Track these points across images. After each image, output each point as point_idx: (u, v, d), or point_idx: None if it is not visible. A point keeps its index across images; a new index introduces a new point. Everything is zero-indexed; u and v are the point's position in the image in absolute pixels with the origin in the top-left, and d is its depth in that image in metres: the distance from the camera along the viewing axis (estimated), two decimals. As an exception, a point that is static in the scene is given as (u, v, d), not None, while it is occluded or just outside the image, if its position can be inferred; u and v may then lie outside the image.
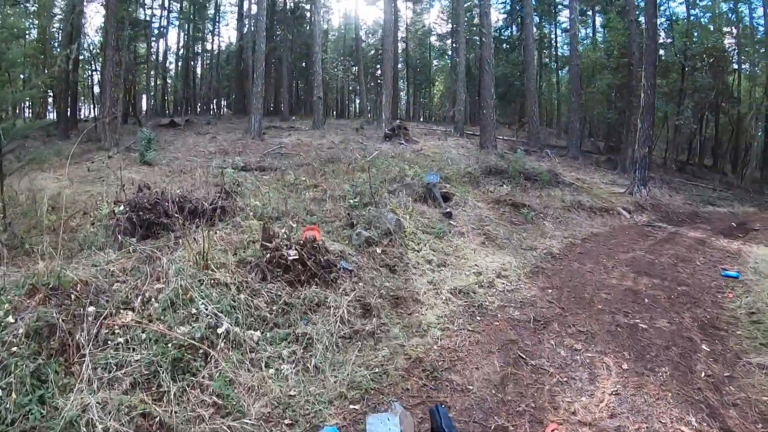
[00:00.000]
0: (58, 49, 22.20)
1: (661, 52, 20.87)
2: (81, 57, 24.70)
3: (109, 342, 3.14)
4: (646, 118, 13.38)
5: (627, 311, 5.26)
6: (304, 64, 35.68)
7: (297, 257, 4.36)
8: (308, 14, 33.35)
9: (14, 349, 2.81)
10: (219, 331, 3.42)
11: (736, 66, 23.46)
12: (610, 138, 23.18)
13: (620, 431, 3.04)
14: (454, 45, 34.28)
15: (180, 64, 35.98)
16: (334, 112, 42.68)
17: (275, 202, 6.65)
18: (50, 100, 26.12)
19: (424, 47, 42.48)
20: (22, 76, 18.73)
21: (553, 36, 34.18)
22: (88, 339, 3.06)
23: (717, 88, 20.69)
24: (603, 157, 20.87)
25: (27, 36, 22.18)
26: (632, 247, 8.51)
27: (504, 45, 30.29)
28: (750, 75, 24.16)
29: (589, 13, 30.02)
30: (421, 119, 39.13)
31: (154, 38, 32.20)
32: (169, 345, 3.15)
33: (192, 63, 36.50)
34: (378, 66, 38.34)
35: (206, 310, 3.53)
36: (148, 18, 30.63)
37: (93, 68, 29.26)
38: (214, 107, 37.74)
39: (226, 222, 5.52)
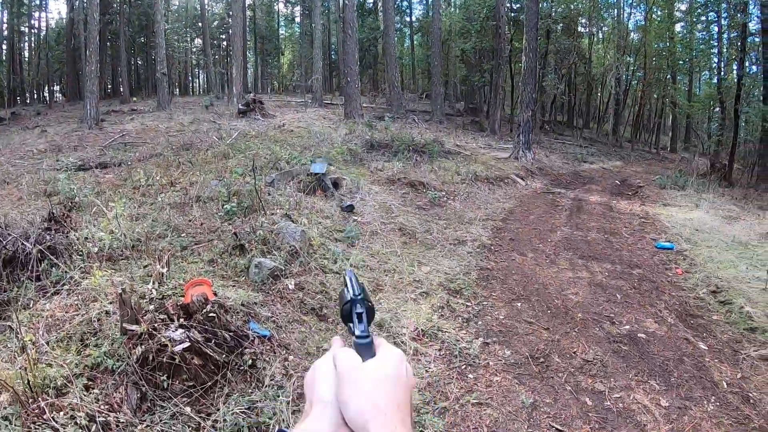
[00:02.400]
0: None
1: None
2: None
3: None
4: (528, 81, 15.61)
5: (609, 316, 5.42)
6: (143, 38, 39.25)
7: (188, 345, 2.99)
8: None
9: None
10: None
11: (585, 29, 30.29)
12: (471, 101, 27.15)
13: None
14: (306, 11, 38.20)
15: (4, 47, 36.37)
16: (178, 90, 45.69)
17: (125, 227, 5.13)
18: None
19: (271, 15, 47.21)
20: None
21: (405, 2, 39.11)
22: None
23: (575, 50, 25.93)
24: (467, 120, 24.08)
25: None
26: (553, 223, 9.30)
27: (359, 10, 32.20)
28: (603, 38, 31.46)
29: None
30: (270, 91, 43.69)
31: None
32: None
33: (18, 45, 37.96)
34: (224, 37, 43.58)
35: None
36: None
37: None
38: (47, 95, 39.25)
39: (61, 276, 3.87)
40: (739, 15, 19.07)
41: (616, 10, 31.63)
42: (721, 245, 8.58)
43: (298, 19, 46.45)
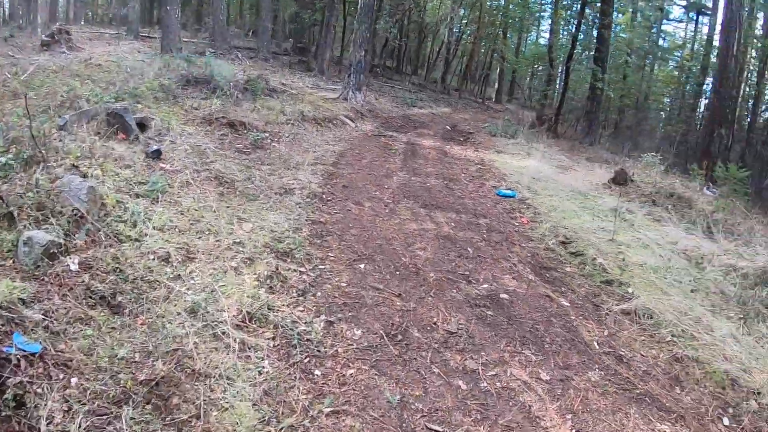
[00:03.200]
0: None
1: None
2: None
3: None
4: (363, 20, 15.24)
5: (463, 273, 5.02)
6: None
7: None
8: None
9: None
10: None
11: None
12: (300, 40, 26.78)
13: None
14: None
15: None
16: (-27, 18, 35.16)
17: None
18: None
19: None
20: None
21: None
22: None
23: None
24: (295, 59, 23.21)
25: None
26: (388, 168, 8.85)
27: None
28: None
29: None
30: (83, 22, 36.76)
31: None
32: None
33: None
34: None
35: None
36: None
37: None
38: None
39: None
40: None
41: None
42: (561, 195, 8.94)
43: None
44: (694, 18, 32.17)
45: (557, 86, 27.08)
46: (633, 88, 25.79)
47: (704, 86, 28.17)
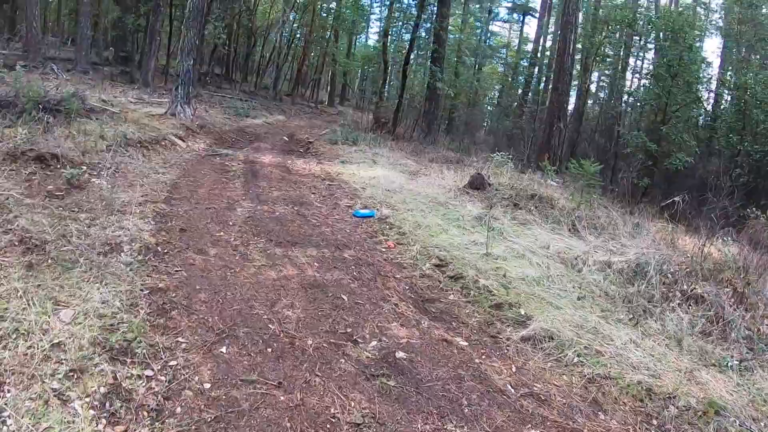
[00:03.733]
0: None
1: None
2: None
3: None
4: (191, 25, 13.71)
5: (346, 332, 4.24)
6: None
7: None
8: None
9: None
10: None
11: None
12: (123, 48, 24.59)
13: None
14: None
15: None
16: None
17: None
18: None
19: None
20: None
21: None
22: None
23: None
24: (117, 70, 21.30)
25: None
26: (229, 196, 7.78)
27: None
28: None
29: None
30: None
31: None
32: None
33: None
34: None
35: None
36: None
37: None
38: None
39: None
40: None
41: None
42: (421, 207, 8.56)
43: None
44: (520, 19, 34.63)
45: (386, 87, 27.51)
46: (465, 85, 26.84)
47: (532, 81, 30.58)
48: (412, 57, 21.22)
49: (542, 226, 8.21)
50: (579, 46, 21.61)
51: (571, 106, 23.33)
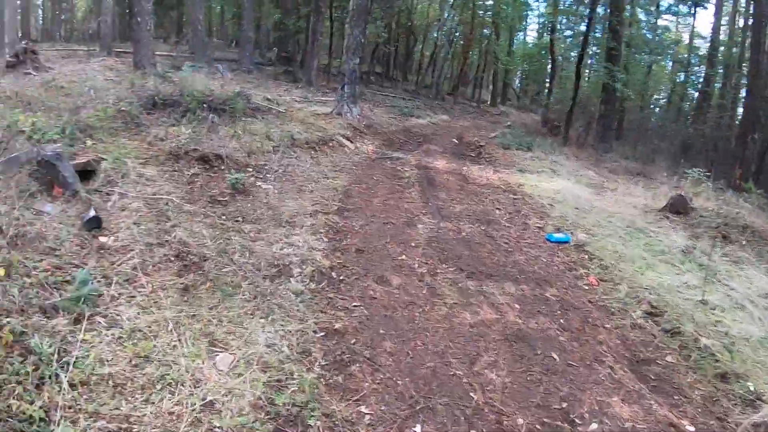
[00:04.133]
0: None
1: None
2: None
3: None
4: (357, 23, 13.41)
5: (561, 408, 3.34)
6: None
7: None
8: None
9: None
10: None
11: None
12: (284, 48, 25.37)
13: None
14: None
15: None
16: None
17: None
18: None
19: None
20: None
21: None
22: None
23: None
24: (279, 70, 21.74)
25: None
26: (407, 209, 7.11)
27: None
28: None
29: None
30: (60, 39, 35.87)
31: None
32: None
33: None
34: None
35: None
36: None
37: None
38: None
39: None
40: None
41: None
42: (618, 232, 7.34)
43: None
44: (692, 11, 30.62)
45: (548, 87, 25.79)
46: (638, 86, 24.21)
47: (712, 83, 26.85)
48: (586, 54, 19.24)
49: (757, 267, 6.77)
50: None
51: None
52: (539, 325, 4.41)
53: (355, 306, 4.16)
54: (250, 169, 7.04)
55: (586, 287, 5.48)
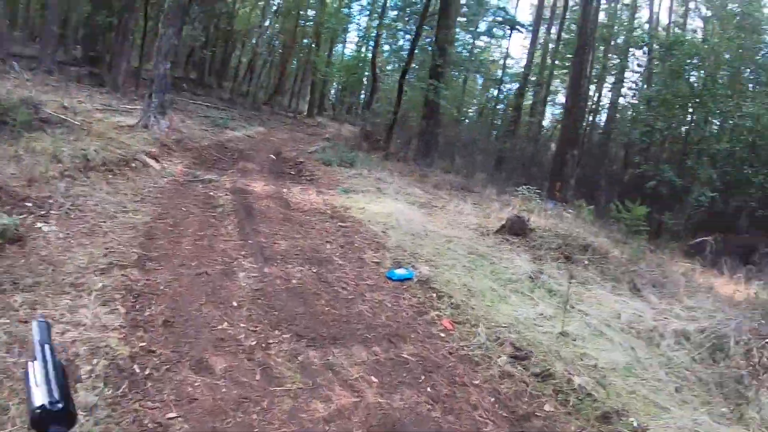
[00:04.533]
0: None
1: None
2: None
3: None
4: (172, 22, 12.17)
5: None
6: None
7: None
8: None
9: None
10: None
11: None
12: (93, 47, 22.99)
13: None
14: None
15: None
16: None
17: None
18: None
19: None
20: None
21: None
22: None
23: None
24: (85, 71, 19.41)
25: None
26: (224, 251, 5.91)
27: None
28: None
29: None
30: None
31: None
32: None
33: None
34: None
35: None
36: None
37: None
38: None
39: None
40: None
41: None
42: (460, 260, 7.04)
43: None
44: (506, 34, 33.08)
45: (368, 100, 26.02)
46: (456, 101, 25.33)
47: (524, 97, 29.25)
48: (410, 69, 19.55)
49: (602, 285, 7.06)
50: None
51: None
52: (405, 402, 3.63)
53: (170, 419, 2.94)
54: (30, 204, 5.44)
55: (443, 334, 4.89)
